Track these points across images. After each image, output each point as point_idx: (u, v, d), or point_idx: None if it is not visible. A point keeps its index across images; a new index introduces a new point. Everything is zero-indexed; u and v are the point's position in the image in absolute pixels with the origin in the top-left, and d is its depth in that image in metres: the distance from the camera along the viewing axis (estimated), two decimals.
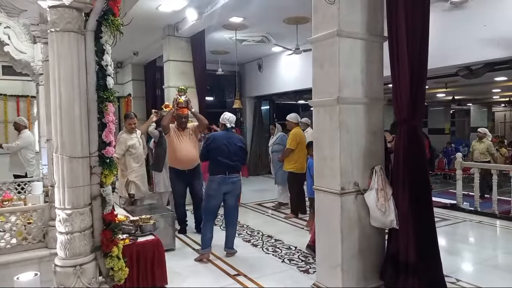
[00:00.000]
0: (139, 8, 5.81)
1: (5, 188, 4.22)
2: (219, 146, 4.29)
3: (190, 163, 5.12)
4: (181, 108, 5.11)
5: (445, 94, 13.30)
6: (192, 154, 5.10)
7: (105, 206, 2.14)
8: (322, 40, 3.23)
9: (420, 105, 3.05)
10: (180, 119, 5.13)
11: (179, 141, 5.09)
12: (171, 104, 5.38)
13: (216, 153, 4.28)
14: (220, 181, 4.28)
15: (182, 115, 5.13)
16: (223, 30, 7.25)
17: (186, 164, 5.10)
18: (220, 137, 4.39)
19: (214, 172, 4.33)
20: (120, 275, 2.19)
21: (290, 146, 5.98)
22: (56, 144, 2.01)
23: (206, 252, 4.26)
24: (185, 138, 5.14)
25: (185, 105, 5.14)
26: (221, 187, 4.29)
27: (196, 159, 5.11)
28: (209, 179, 4.39)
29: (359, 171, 3.23)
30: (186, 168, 5.11)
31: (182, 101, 5.11)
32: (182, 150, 5.06)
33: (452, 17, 5.26)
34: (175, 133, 5.14)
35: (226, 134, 4.41)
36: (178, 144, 5.08)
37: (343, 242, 3.11)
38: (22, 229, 2.90)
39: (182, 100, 5.12)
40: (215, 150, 4.28)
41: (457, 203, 6.50)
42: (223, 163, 4.27)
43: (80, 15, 2.02)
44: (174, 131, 5.15)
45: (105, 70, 2.11)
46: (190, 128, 5.25)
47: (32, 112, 7.95)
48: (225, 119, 4.46)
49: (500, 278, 3.83)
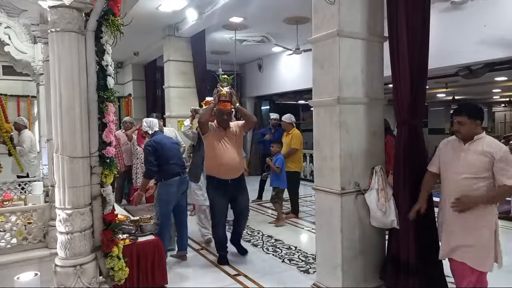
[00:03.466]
0: (140, 8, 5.81)
1: (6, 188, 4.23)
2: (169, 149, 4.11)
3: (234, 171, 4.11)
4: (223, 102, 4.09)
5: (445, 94, 13.32)
6: (238, 160, 4.14)
7: (105, 206, 2.14)
8: (322, 40, 3.23)
9: (421, 105, 3.05)
10: (222, 115, 4.10)
11: (220, 143, 4.08)
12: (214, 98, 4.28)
13: (167, 157, 4.06)
14: (178, 183, 4.09)
15: (224, 110, 4.10)
16: (223, 30, 7.25)
17: (229, 172, 4.08)
18: (163, 140, 4.16)
19: (170, 176, 4.05)
20: (120, 275, 2.19)
21: (296, 146, 5.99)
22: (56, 144, 2.01)
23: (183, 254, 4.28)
24: (228, 140, 4.11)
25: (228, 98, 4.09)
26: (179, 189, 4.12)
27: (242, 166, 4.27)
28: (164, 184, 4.08)
29: (359, 171, 3.23)
30: (230, 177, 4.08)
31: (224, 93, 4.07)
32: (224, 154, 4.04)
33: (452, 17, 5.26)
34: (216, 133, 4.11)
35: (162, 137, 4.25)
36: (219, 147, 4.07)
37: (343, 242, 3.11)
38: (23, 229, 2.90)
39: (225, 92, 4.08)
40: (165, 155, 4.05)
41: None
42: (178, 165, 4.13)
43: (81, 15, 2.02)
44: (214, 130, 4.12)
45: (105, 70, 2.11)
46: (234, 127, 4.21)
47: (32, 112, 7.96)
48: (146, 126, 4.21)
49: (500, 278, 3.82)
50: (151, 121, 4.27)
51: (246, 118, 4.24)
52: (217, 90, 4.12)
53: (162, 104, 8.61)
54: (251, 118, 4.27)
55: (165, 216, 4.08)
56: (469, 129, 2.62)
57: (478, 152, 2.58)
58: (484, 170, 2.56)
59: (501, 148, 2.57)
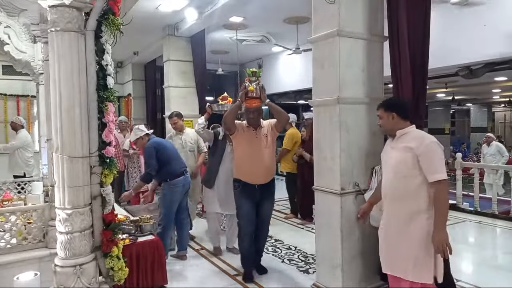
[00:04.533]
0: (139, 8, 5.80)
1: (5, 188, 4.22)
2: (169, 150, 4.15)
3: (264, 176, 3.70)
4: (250, 99, 3.60)
5: (445, 94, 13.31)
6: (269, 163, 3.71)
7: (105, 206, 2.14)
8: (322, 40, 3.22)
9: (421, 105, 3.05)
10: (249, 114, 3.66)
11: (249, 145, 3.67)
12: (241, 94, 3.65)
13: (168, 157, 4.07)
14: (183, 183, 4.12)
15: (251, 108, 3.62)
16: (223, 30, 7.25)
17: (258, 176, 3.68)
18: (163, 142, 4.23)
19: (174, 176, 4.07)
20: (120, 275, 2.19)
21: (287, 146, 5.97)
22: (56, 144, 2.01)
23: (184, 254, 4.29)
24: (259, 141, 3.68)
25: (257, 94, 3.60)
26: (184, 189, 4.16)
27: (273, 170, 3.83)
28: (169, 184, 4.07)
29: (359, 171, 3.23)
30: (259, 182, 3.67)
31: (253, 89, 3.57)
32: (253, 156, 3.64)
33: (452, 17, 5.26)
34: (245, 133, 3.69)
35: (160, 139, 4.29)
36: (248, 148, 3.67)
37: (343, 242, 3.11)
38: (22, 229, 2.90)
39: (253, 87, 3.58)
40: (166, 156, 4.06)
41: (457, 203, 6.50)
42: (179, 165, 4.15)
43: (80, 15, 2.02)
44: (243, 130, 3.70)
45: (105, 69, 2.11)
46: (266, 126, 3.76)
47: (32, 112, 7.95)
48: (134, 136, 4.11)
49: (500, 278, 3.83)
50: (137, 127, 4.18)
51: (278, 115, 3.70)
52: (244, 86, 3.62)
53: (162, 104, 8.61)
54: (283, 115, 3.69)
55: (168, 217, 4.11)
56: (387, 123, 2.48)
57: (400, 148, 2.40)
58: (410, 168, 2.31)
59: (422, 141, 2.31)
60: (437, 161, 2.26)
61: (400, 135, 2.45)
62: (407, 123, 2.47)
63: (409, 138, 2.40)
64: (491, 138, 8.33)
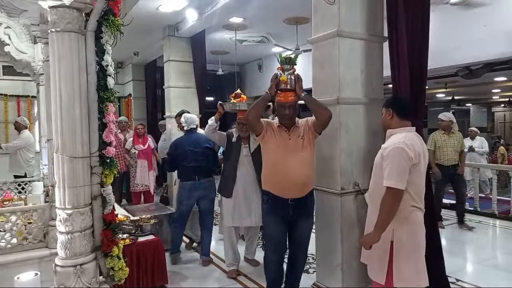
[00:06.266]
0: (140, 9, 5.80)
1: (6, 188, 4.23)
2: (184, 151, 4.06)
3: (299, 189, 2.90)
4: (284, 92, 2.90)
5: (445, 94, 13.31)
6: (305, 172, 2.89)
7: (105, 206, 2.15)
8: (322, 40, 3.23)
9: (420, 105, 3.05)
10: (283, 110, 2.92)
11: (282, 149, 2.90)
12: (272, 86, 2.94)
13: (181, 158, 4.05)
14: (190, 187, 4.04)
15: (284, 103, 2.90)
16: (223, 30, 7.25)
17: (291, 189, 2.88)
18: (183, 142, 4.14)
19: (184, 178, 4.11)
20: (120, 275, 2.19)
21: None
22: (56, 144, 2.01)
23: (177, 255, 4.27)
24: (294, 144, 2.90)
25: (291, 86, 2.90)
26: (192, 194, 4.05)
27: (312, 181, 3.03)
28: (180, 185, 4.16)
29: (359, 171, 3.23)
30: (292, 196, 2.88)
31: (285, 80, 2.88)
32: (285, 163, 2.86)
33: (452, 17, 5.26)
34: (275, 134, 2.94)
35: (189, 137, 4.16)
36: (279, 153, 2.90)
37: (343, 242, 3.11)
38: (23, 229, 2.90)
39: (285, 78, 2.88)
40: (180, 156, 4.06)
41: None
42: (191, 168, 4.03)
43: (81, 15, 2.02)
44: (273, 130, 2.96)
45: (105, 70, 2.11)
46: (302, 126, 2.97)
47: (32, 112, 7.95)
48: (182, 121, 4.22)
49: (500, 278, 3.83)
50: (189, 117, 4.25)
51: (318, 112, 2.86)
52: (275, 76, 2.93)
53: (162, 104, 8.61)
54: (325, 112, 2.85)
55: (179, 214, 4.23)
56: (384, 119, 2.48)
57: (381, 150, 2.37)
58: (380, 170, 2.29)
59: (391, 145, 2.26)
60: (393, 168, 2.22)
61: (389, 136, 2.44)
62: (404, 123, 2.46)
63: (390, 140, 2.38)
64: (474, 132, 8.33)
